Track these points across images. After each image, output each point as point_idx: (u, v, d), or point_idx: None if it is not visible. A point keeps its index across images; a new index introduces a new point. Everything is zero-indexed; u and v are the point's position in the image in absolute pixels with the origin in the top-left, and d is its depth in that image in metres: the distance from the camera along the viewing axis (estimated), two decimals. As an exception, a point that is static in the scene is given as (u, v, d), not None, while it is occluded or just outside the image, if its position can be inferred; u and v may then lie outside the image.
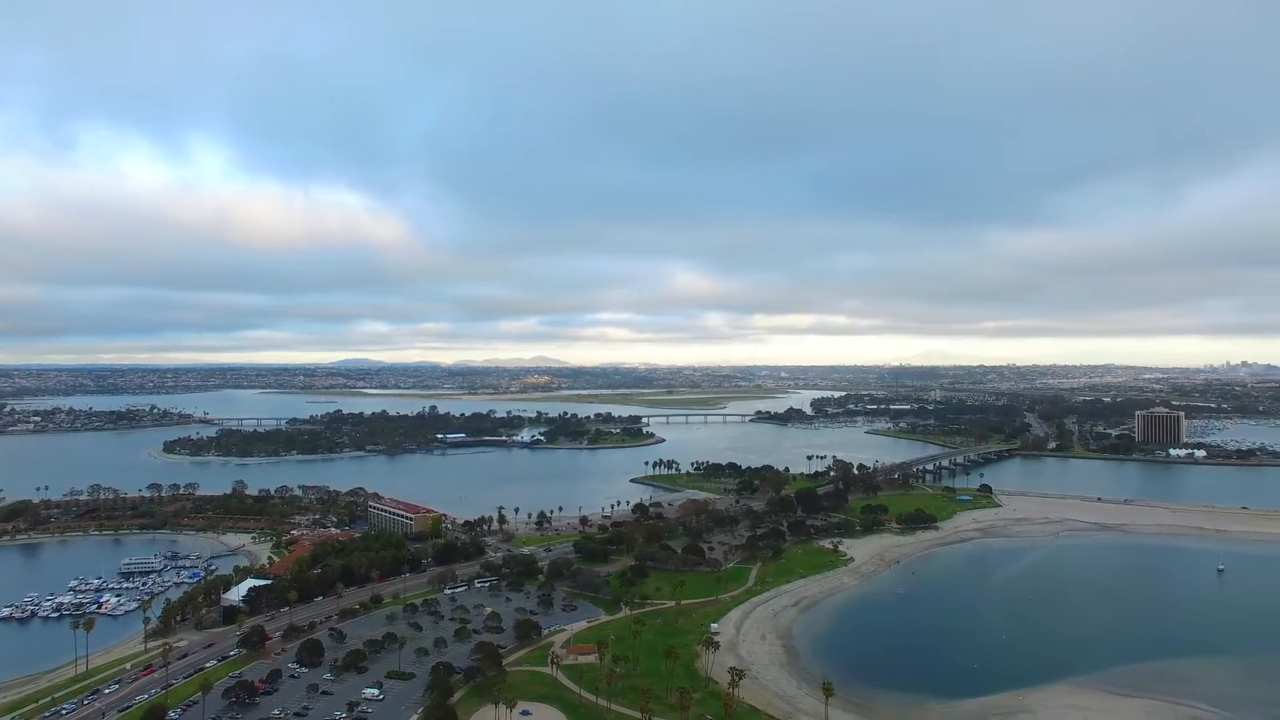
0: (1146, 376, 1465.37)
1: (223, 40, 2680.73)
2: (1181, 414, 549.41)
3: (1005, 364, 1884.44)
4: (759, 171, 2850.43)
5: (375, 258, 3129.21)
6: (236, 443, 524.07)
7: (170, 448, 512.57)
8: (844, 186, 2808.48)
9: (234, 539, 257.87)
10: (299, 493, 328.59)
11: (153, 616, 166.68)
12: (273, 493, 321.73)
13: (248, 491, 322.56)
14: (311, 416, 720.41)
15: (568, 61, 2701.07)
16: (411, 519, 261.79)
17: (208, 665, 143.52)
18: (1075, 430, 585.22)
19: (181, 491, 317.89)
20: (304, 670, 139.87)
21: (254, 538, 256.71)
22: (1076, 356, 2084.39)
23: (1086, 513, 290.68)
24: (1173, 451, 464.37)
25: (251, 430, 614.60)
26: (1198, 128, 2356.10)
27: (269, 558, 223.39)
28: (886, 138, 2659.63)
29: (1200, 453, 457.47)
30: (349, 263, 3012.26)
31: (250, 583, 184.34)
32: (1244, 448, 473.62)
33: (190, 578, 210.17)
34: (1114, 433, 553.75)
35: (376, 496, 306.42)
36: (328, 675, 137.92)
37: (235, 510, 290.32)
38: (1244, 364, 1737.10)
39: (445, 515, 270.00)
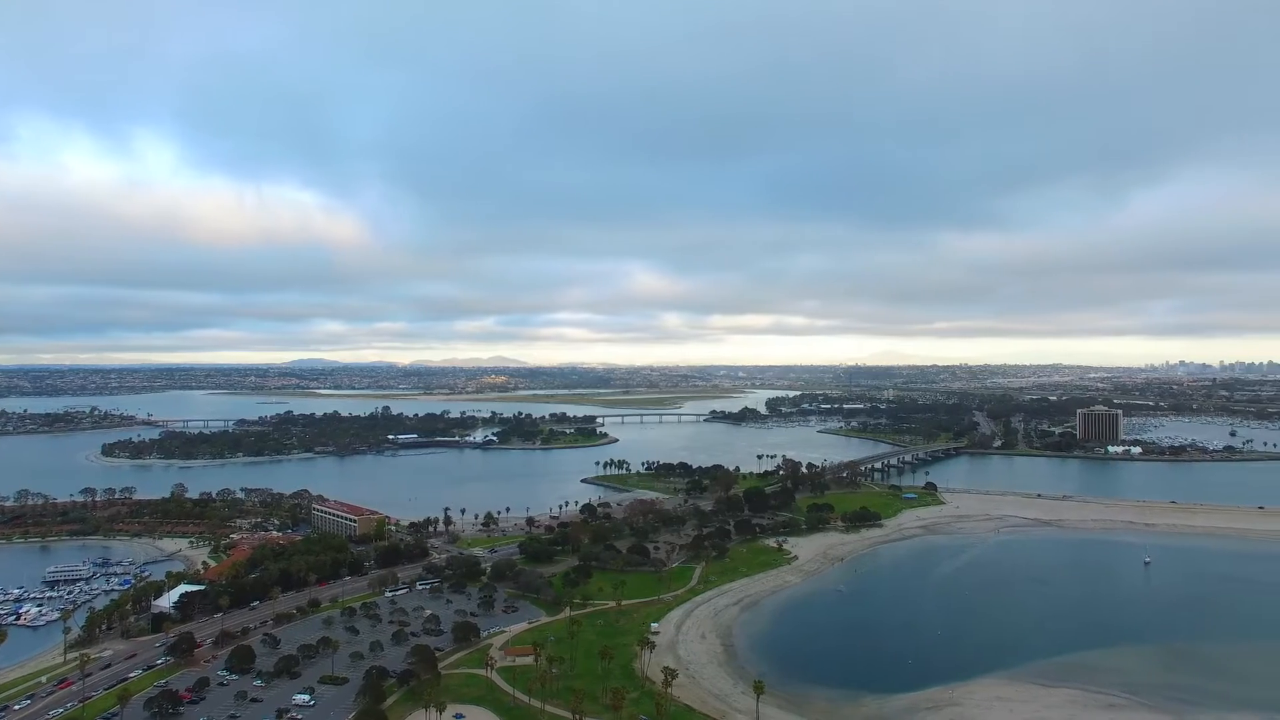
0: (1092, 376, 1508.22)
1: (169, 33, 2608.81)
2: (1119, 412, 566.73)
3: (958, 364, 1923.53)
4: (714, 172, 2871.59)
5: (330, 256, 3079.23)
6: (180, 445, 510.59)
7: (109, 451, 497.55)
8: (797, 188, 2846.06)
9: (171, 544, 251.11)
10: (242, 496, 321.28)
11: (75, 626, 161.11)
12: (214, 496, 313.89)
13: (188, 495, 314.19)
14: (261, 418, 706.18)
15: (522, 61, 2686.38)
16: (355, 521, 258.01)
17: (131, 676, 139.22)
18: (1021, 428, 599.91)
19: (117, 496, 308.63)
20: (234, 677, 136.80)
21: (192, 542, 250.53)
22: (1026, 356, 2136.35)
23: (1026, 509, 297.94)
24: (1111, 448, 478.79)
25: (197, 432, 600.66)
26: (1136, 136, 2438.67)
27: (204, 563, 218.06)
28: (838, 140, 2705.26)
29: (1136, 449, 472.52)
30: (303, 261, 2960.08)
31: (183, 588, 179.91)
32: (1176, 444, 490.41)
33: (121, 585, 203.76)
34: (1057, 430, 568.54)
35: (321, 499, 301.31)
36: (258, 682, 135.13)
37: (174, 514, 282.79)
38: (1181, 363, 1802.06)
39: (390, 517, 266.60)
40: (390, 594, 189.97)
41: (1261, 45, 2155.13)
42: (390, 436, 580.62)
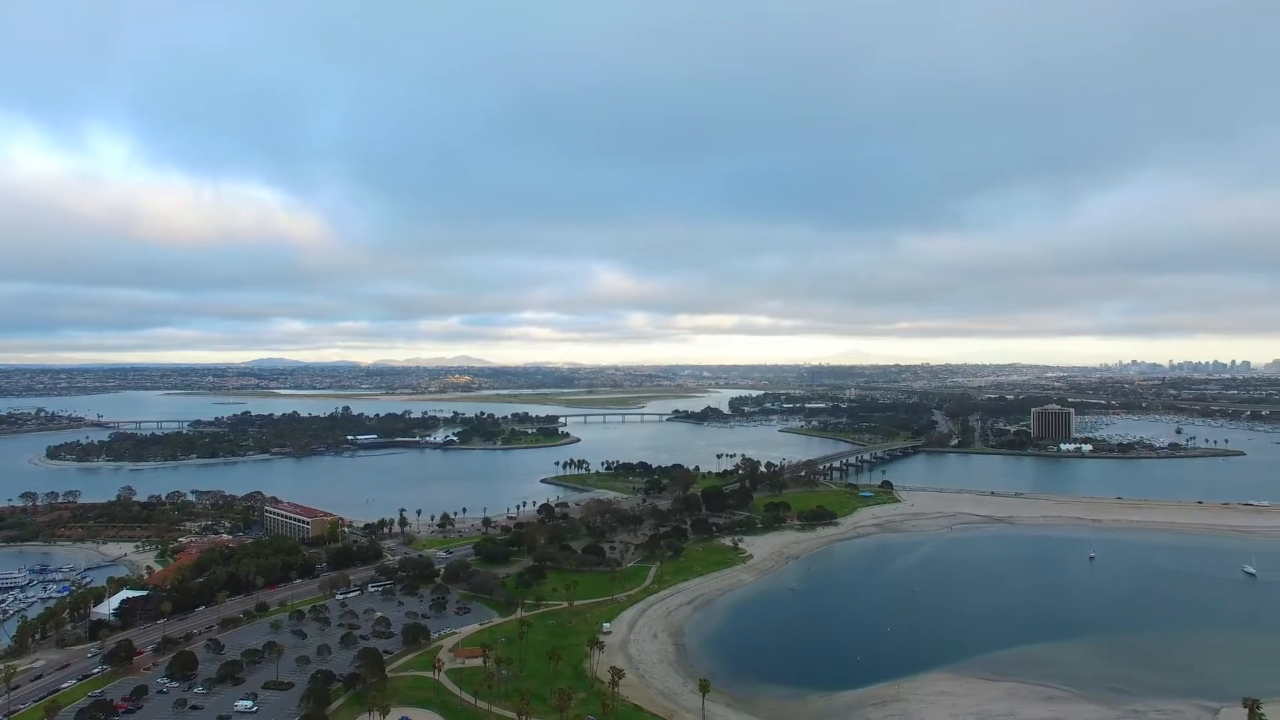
0: (1049, 375, 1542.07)
1: (122, 25, 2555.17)
2: (1071, 411, 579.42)
3: (920, 363, 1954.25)
4: (678, 173, 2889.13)
5: (291, 255, 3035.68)
6: (130, 447, 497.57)
7: (54, 453, 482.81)
8: (761, 189, 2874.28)
9: (115, 549, 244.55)
10: (192, 498, 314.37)
11: (5, 636, 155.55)
12: (164, 499, 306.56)
13: (136, 498, 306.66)
14: (217, 418, 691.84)
15: (486, 60, 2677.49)
16: (308, 523, 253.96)
17: (64, 686, 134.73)
18: (978, 427, 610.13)
19: (60, 500, 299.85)
20: (174, 685, 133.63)
21: (138, 547, 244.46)
22: (986, 356, 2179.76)
23: (979, 506, 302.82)
24: (1063, 446, 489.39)
25: (149, 434, 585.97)
26: (1089, 142, 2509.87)
27: (148, 568, 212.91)
28: (800, 142, 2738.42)
29: (1087, 447, 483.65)
30: (263, 259, 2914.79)
31: (125, 594, 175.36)
32: (1125, 442, 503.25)
33: (59, 592, 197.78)
34: (1012, 429, 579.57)
35: (274, 500, 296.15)
36: (199, 689, 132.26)
37: (120, 518, 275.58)
38: (1134, 363, 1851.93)
39: (343, 519, 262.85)
40: (341, 596, 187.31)
41: (1203, 59, 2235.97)
42: (349, 437, 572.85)
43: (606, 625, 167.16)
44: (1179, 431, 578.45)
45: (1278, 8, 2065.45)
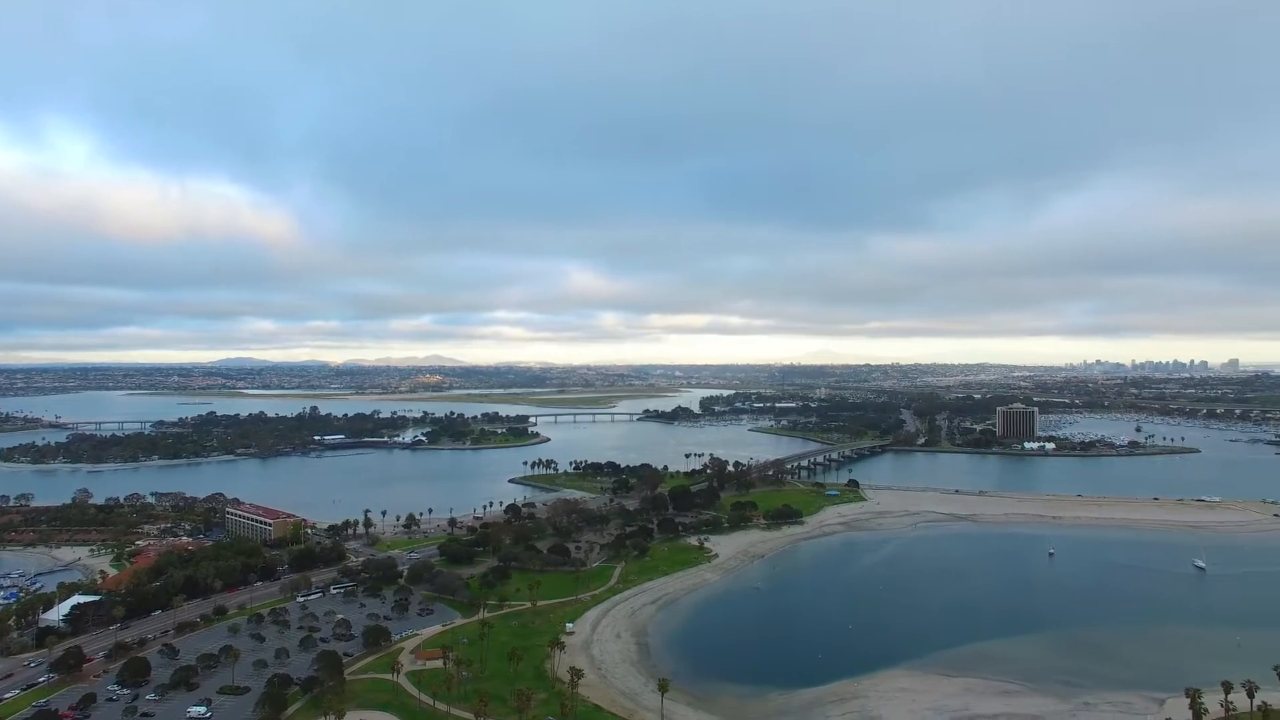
0: (1016, 374, 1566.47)
1: (83, 17, 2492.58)
2: (1036, 410, 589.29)
3: (890, 363, 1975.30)
4: (650, 173, 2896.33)
5: (260, 253, 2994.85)
6: (89, 448, 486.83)
7: (8, 455, 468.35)
8: (732, 189, 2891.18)
9: (69, 553, 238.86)
10: (152, 500, 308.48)
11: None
12: (122, 501, 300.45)
13: (93, 501, 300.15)
14: (181, 419, 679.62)
15: (458, 58, 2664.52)
16: (270, 525, 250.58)
17: (7, 696, 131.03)
18: (945, 426, 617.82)
19: (12, 504, 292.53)
20: (125, 692, 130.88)
21: (93, 551, 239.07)
22: (955, 356, 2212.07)
23: (943, 504, 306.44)
24: (1027, 445, 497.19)
25: (109, 435, 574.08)
26: (1052, 145, 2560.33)
27: (101, 572, 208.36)
28: (772, 143, 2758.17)
29: (1050, 445, 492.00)
30: (231, 258, 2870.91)
31: (76, 600, 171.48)
32: (1086, 440, 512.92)
33: (6, 599, 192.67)
34: (978, 428, 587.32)
35: (236, 502, 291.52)
36: (151, 695, 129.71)
37: (75, 522, 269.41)
38: (1098, 362, 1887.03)
39: (306, 520, 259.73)
40: (302, 599, 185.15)
41: (1163, 66, 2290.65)
42: (316, 437, 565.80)
43: (570, 625, 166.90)
44: (1139, 430, 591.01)
45: (1234, 18, 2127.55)
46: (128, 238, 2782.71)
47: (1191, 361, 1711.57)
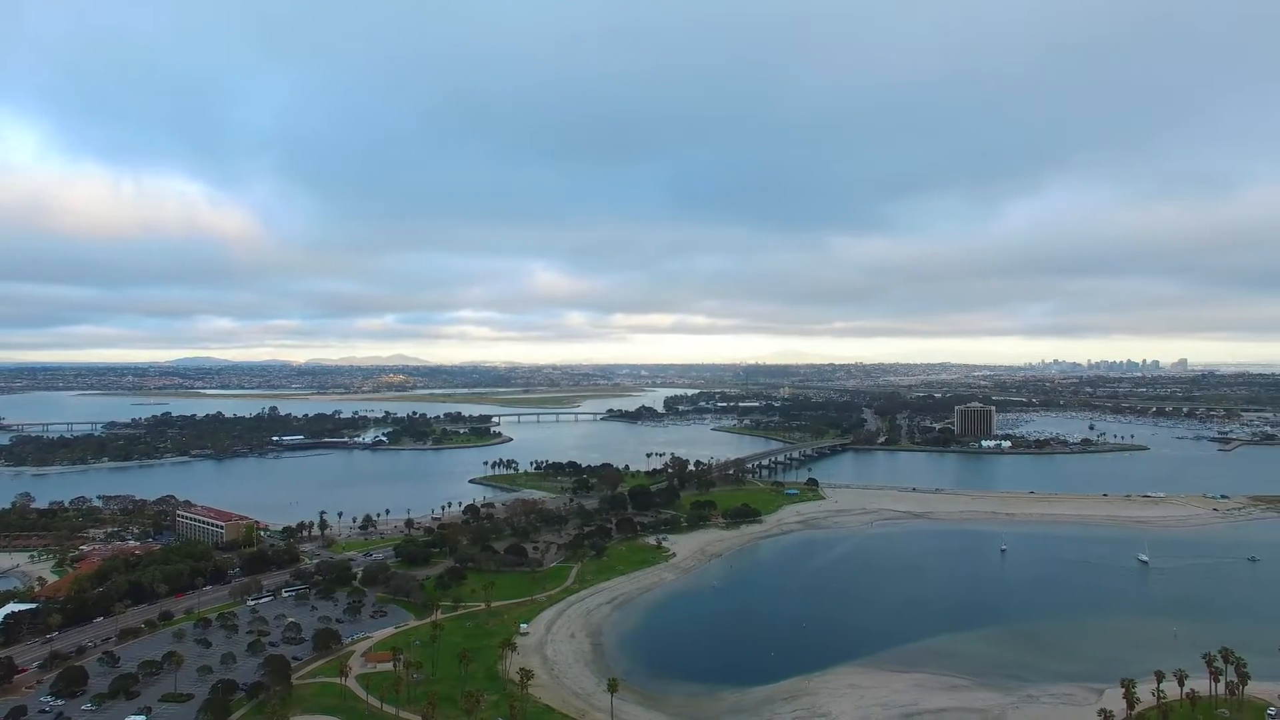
0: (977, 374, 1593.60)
1: (33, 6, 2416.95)
2: (993, 409, 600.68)
3: (853, 362, 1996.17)
4: (615, 173, 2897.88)
5: (219, 251, 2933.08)
6: (34, 451, 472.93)
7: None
8: (697, 190, 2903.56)
9: (7, 560, 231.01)
10: (99, 503, 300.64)
11: None
12: (66, 505, 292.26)
13: (35, 505, 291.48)
14: (134, 420, 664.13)
15: (420, 55, 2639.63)
16: (222, 527, 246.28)
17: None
18: (905, 425, 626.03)
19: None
20: (60, 703, 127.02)
21: (33, 557, 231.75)
22: (918, 355, 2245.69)
23: (900, 502, 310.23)
24: (984, 443, 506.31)
25: (57, 436, 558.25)
26: (1008, 149, 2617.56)
27: (40, 579, 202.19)
28: (735, 144, 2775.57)
29: (1006, 443, 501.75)
30: (189, 255, 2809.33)
31: (11, 608, 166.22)
32: (1041, 438, 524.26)
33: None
34: (937, 426, 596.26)
35: (188, 504, 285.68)
36: (88, 706, 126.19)
37: (14, 527, 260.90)
38: (1056, 362, 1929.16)
39: (259, 522, 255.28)
40: (253, 603, 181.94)
41: (1112, 72, 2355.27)
42: (275, 438, 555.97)
43: (524, 626, 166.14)
44: (1092, 428, 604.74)
45: (1181, 27, 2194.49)
46: (80, 234, 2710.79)
47: (1144, 361, 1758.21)
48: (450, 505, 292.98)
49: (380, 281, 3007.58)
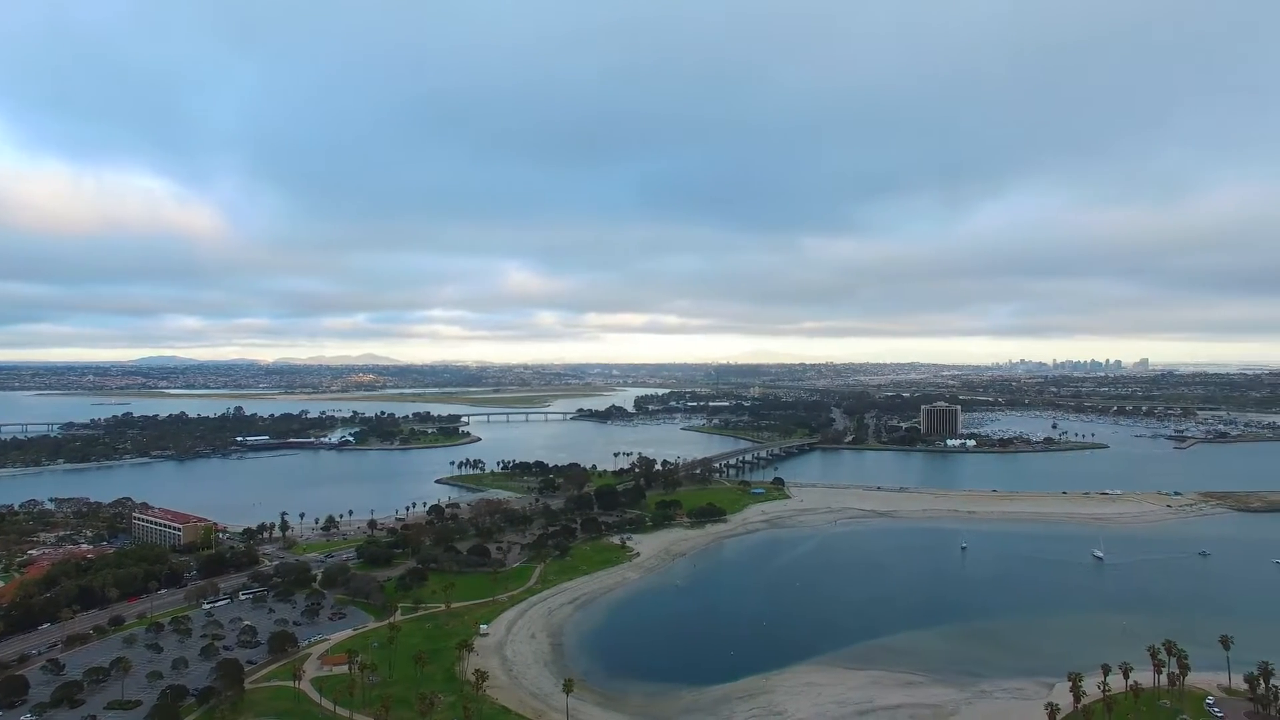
0: (945, 374, 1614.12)
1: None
2: (959, 408, 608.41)
3: (824, 362, 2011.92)
4: (586, 173, 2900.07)
5: (185, 248, 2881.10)
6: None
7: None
8: (668, 190, 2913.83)
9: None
10: (51, 506, 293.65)
11: None
12: (16, 508, 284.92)
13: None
14: (93, 420, 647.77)
15: (389, 52, 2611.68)
16: (180, 529, 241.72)
17: None
18: (872, 424, 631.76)
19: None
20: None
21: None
22: (888, 355, 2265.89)
23: (865, 501, 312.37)
24: (950, 442, 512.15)
25: (10, 438, 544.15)
26: (975, 152, 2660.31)
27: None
28: (707, 145, 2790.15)
29: (971, 442, 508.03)
30: (153, 253, 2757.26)
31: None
32: (1005, 437, 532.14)
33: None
34: (904, 426, 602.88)
35: (145, 506, 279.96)
36: (28, 716, 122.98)
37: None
38: (1022, 362, 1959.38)
39: (218, 524, 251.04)
40: (208, 606, 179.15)
41: (1074, 79, 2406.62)
42: (239, 438, 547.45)
43: (484, 627, 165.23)
44: (1055, 426, 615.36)
45: (1140, 37, 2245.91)
46: (39, 230, 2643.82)
47: (1107, 361, 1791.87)
48: (415, 506, 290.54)
49: (350, 280, 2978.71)
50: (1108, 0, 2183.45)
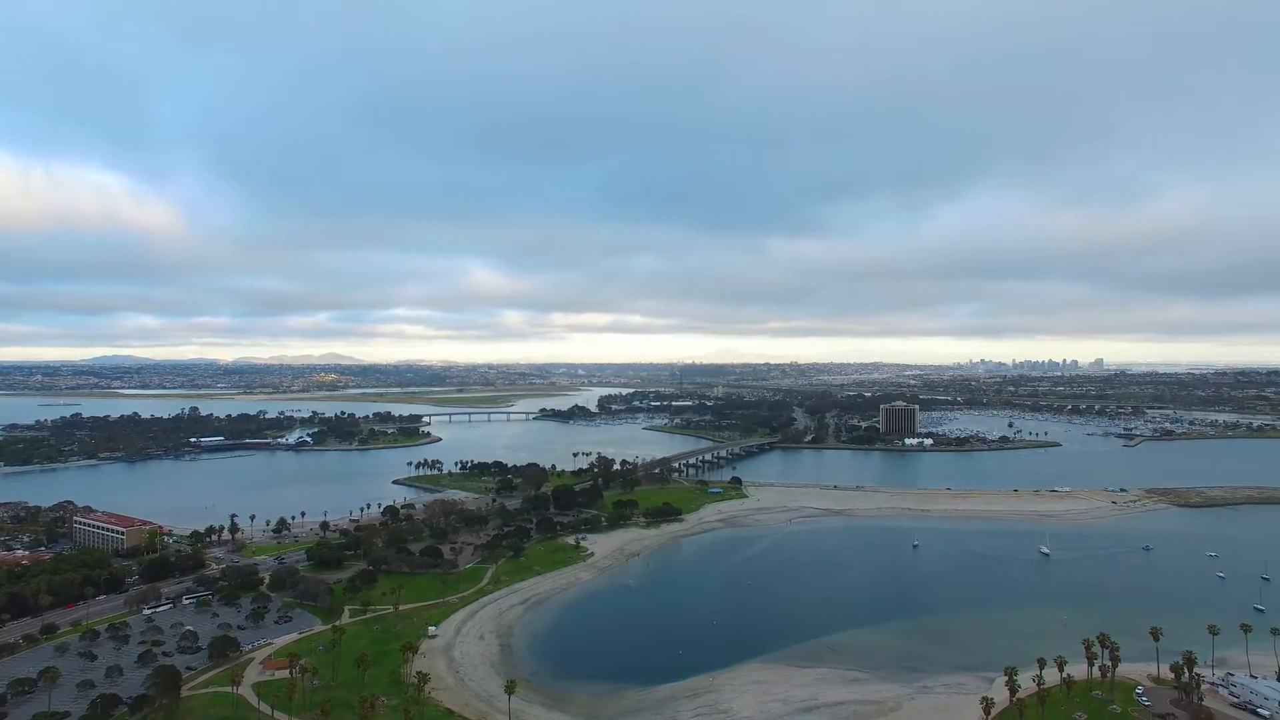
0: (907, 373, 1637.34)
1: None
2: (916, 407, 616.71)
3: (788, 362, 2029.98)
4: (549, 172, 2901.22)
5: (141, 245, 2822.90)
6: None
7: None
8: (631, 190, 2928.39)
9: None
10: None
11: None
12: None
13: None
14: (39, 421, 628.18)
15: (347, 49, 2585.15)
16: (123, 533, 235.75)
17: None
18: (833, 423, 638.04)
19: None
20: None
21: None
22: (852, 355, 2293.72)
23: (820, 500, 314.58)
24: (907, 440, 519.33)
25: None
26: (934, 156, 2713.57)
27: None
28: (668, 145, 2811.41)
29: (928, 441, 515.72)
30: (108, 250, 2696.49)
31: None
32: (962, 436, 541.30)
33: None
34: (864, 425, 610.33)
35: (87, 510, 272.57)
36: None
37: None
38: (983, 361, 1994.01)
39: (163, 527, 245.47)
40: (149, 611, 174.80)
41: (1029, 87, 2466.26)
42: (192, 439, 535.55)
43: (433, 628, 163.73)
44: (1010, 425, 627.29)
45: (1086, 49, 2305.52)
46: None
47: (1064, 361, 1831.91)
48: (370, 507, 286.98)
49: (313, 279, 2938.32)
50: (1047, 19, 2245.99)
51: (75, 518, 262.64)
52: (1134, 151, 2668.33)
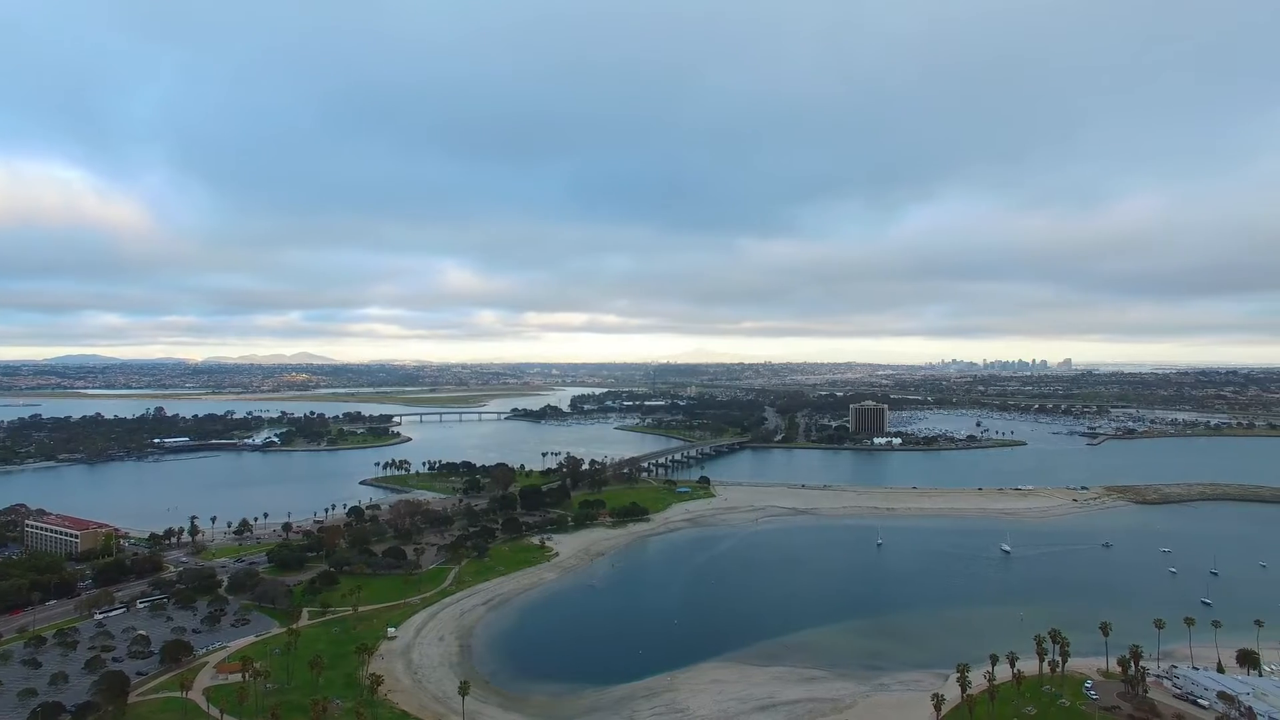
0: (880, 373, 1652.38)
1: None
2: (885, 407, 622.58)
3: (762, 361, 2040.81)
4: (519, 171, 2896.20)
5: (106, 242, 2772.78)
6: None
7: None
8: (601, 190, 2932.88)
9: None
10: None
11: None
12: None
13: None
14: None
15: (314, 46, 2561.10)
16: (77, 536, 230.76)
17: None
18: (804, 423, 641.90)
19: None
20: None
21: None
22: (825, 355, 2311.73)
23: (788, 499, 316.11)
24: (877, 440, 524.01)
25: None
26: (904, 158, 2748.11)
27: None
28: (638, 146, 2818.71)
29: (897, 440, 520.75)
30: (72, 247, 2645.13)
31: None
32: (930, 435, 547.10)
33: None
34: (834, 424, 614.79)
35: (41, 513, 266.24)
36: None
37: None
38: (954, 362, 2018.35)
39: (120, 530, 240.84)
40: (100, 616, 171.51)
41: (994, 93, 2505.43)
42: (156, 440, 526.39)
43: (392, 630, 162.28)
44: (979, 424, 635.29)
45: (1049, 58, 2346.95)
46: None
47: (1034, 361, 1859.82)
48: (335, 508, 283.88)
49: (283, 277, 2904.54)
50: (1016, 25, 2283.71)
51: (27, 521, 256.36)
52: (1097, 155, 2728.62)
